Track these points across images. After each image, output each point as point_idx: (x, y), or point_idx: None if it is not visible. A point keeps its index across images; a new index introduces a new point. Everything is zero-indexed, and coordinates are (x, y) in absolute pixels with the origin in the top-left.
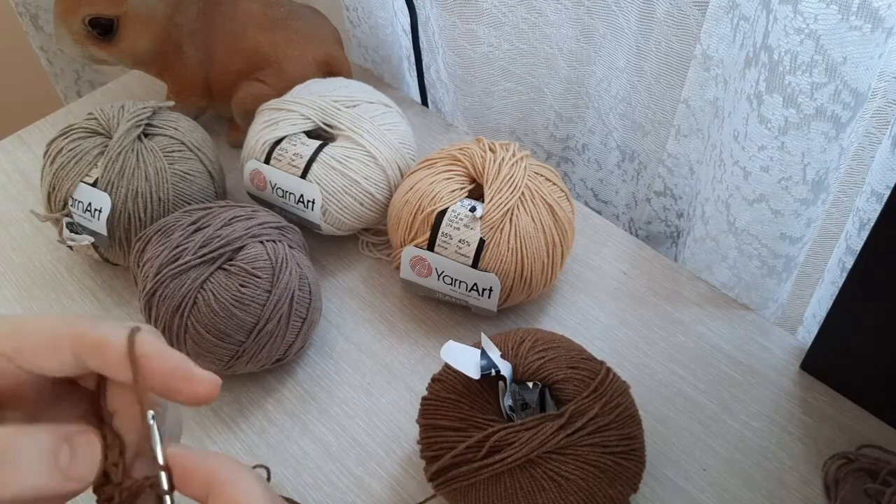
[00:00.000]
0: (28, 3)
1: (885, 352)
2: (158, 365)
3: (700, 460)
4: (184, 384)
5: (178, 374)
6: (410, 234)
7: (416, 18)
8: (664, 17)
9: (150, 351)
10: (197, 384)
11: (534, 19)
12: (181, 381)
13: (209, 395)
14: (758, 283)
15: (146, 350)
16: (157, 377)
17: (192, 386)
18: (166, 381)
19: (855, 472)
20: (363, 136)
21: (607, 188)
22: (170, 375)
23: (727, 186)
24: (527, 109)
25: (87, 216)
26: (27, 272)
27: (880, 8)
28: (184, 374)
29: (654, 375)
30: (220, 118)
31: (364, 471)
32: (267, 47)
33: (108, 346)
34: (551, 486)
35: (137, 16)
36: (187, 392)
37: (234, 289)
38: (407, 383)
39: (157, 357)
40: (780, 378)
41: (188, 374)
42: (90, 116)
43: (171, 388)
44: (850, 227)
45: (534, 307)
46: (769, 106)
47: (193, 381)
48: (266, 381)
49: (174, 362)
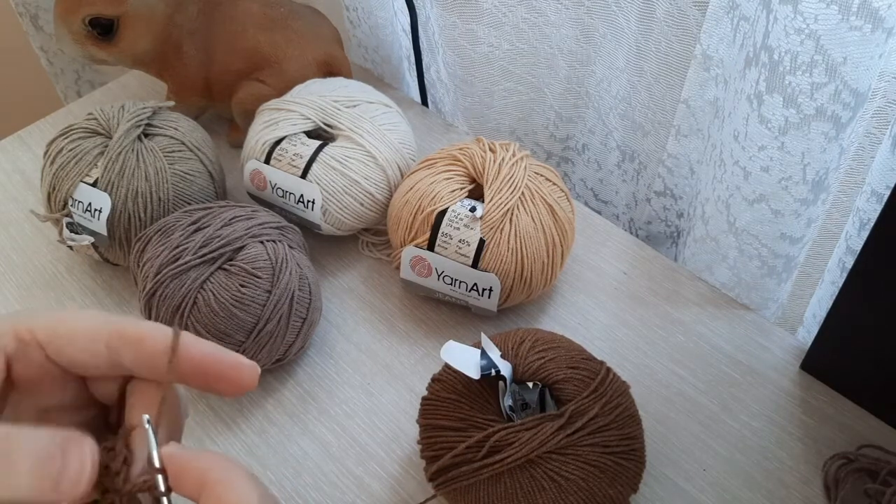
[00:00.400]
0: (28, 3)
1: (885, 352)
2: (200, 354)
3: (700, 460)
4: (226, 371)
5: (222, 361)
6: (410, 234)
7: (416, 18)
8: (664, 17)
9: (192, 341)
10: (242, 372)
11: (534, 19)
12: (224, 368)
13: (252, 382)
14: (758, 283)
15: (188, 340)
16: (200, 367)
17: (238, 374)
18: (208, 369)
19: (855, 472)
20: (363, 136)
21: (607, 188)
22: (212, 362)
23: (727, 186)
24: (527, 109)
25: (87, 216)
26: (27, 272)
27: (880, 8)
28: (228, 362)
29: (654, 375)
30: (220, 118)
31: (364, 471)
32: (267, 47)
33: (148, 338)
34: (551, 486)
35: (137, 16)
36: (230, 379)
37: (234, 289)
38: (407, 383)
39: (199, 346)
40: (780, 378)
41: (233, 361)
42: (90, 116)
43: (213, 376)
44: (850, 227)
45: (534, 307)
46: (769, 106)
47: (238, 368)
48: (266, 381)
49: (217, 352)
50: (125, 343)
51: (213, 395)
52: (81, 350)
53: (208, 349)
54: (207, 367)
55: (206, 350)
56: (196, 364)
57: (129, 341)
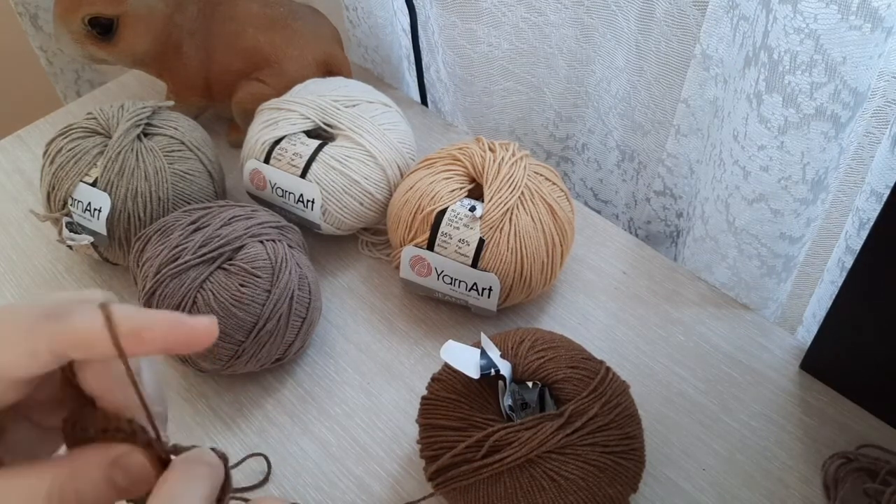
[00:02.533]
0: (28, 2)
1: (885, 351)
2: (149, 333)
3: (700, 460)
4: (186, 339)
5: (176, 334)
6: (410, 234)
7: (415, 18)
8: (664, 16)
9: (136, 323)
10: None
11: (533, 19)
12: (183, 337)
13: (210, 339)
14: (757, 283)
15: (131, 323)
16: (154, 345)
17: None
18: (164, 345)
19: (854, 472)
20: (363, 135)
21: (607, 188)
22: (167, 339)
23: (727, 186)
24: (526, 109)
25: (87, 216)
26: (27, 272)
27: (880, 7)
28: (180, 331)
29: (653, 375)
30: (220, 118)
31: (364, 471)
32: (267, 47)
33: (93, 339)
34: (551, 486)
35: (137, 15)
36: (192, 345)
37: (233, 288)
38: (407, 383)
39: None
40: (779, 378)
41: (184, 330)
42: (90, 116)
43: (169, 349)
44: (850, 227)
45: (533, 307)
46: (769, 105)
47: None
48: (266, 380)
49: (166, 324)
50: (69, 348)
51: (210, 394)
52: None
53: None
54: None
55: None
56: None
57: (73, 345)
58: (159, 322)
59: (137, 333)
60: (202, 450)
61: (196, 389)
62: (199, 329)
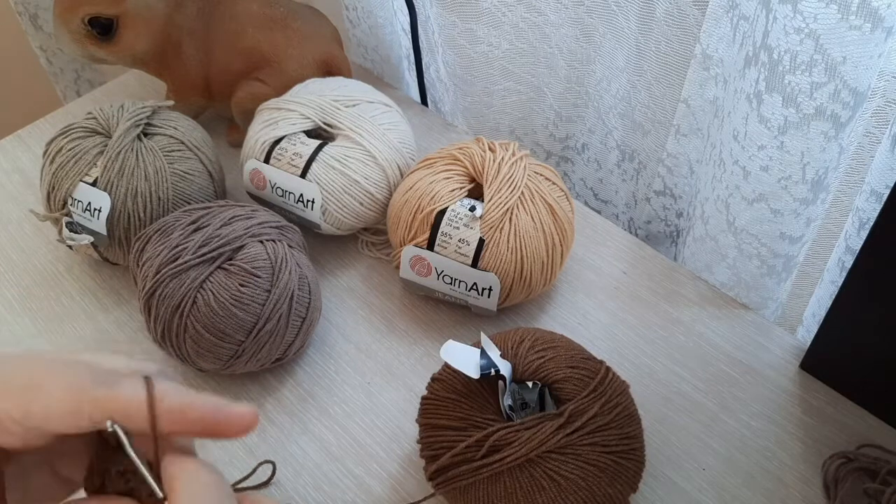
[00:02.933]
0: (27, 2)
1: (885, 351)
2: (191, 414)
3: (699, 460)
4: (221, 426)
5: (214, 418)
6: (410, 234)
7: (415, 18)
8: (664, 16)
9: (177, 402)
10: (238, 422)
11: (533, 19)
12: (217, 424)
13: (249, 428)
14: (757, 283)
15: (172, 403)
16: (193, 426)
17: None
18: (202, 428)
19: (854, 472)
20: (363, 135)
21: (607, 188)
22: (205, 422)
23: (727, 186)
24: (526, 109)
25: (87, 216)
26: (27, 272)
27: (880, 7)
28: (219, 416)
29: (653, 375)
30: (220, 118)
31: (364, 471)
32: (266, 47)
33: (133, 411)
34: (551, 486)
35: (137, 15)
36: (230, 432)
37: (233, 288)
38: (407, 383)
39: (188, 407)
40: (779, 377)
41: (224, 415)
42: (89, 116)
43: (208, 432)
44: (850, 227)
45: (533, 307)
46: (769, 105)
47: (233, 420)
48: (266, 380)
49: (207, 407)
50: (110, 415)
51: (208, 392)
52: (61, 426)
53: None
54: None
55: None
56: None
57: (114, 413)
58: (202, 403)
59: (180, 411)
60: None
61: (196, 389)
62: (241, 416)
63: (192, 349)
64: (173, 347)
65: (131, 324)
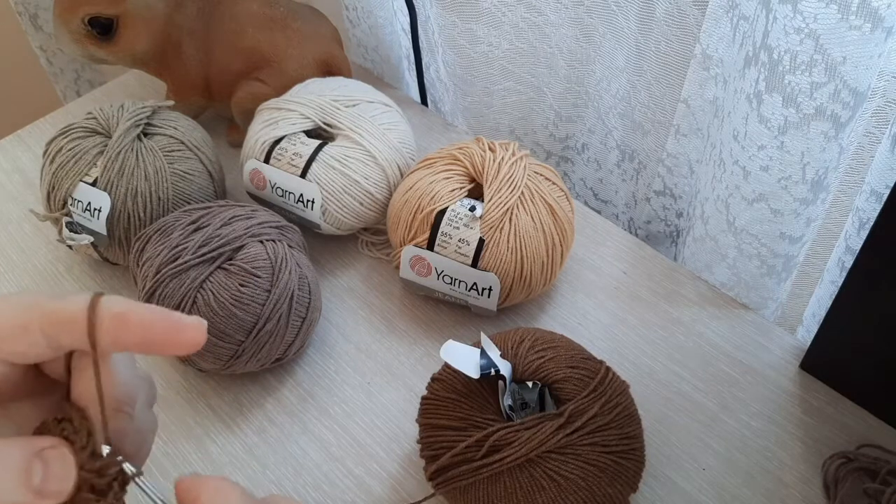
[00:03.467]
0: (27, 2)
1: (885, 351)
2: (137, 318)
3: (699, 460)
4: (166, 334)
5: (158, 325)
6: (410, 234)
7: (415, 18)
8: (664, 16)
9: (122, 308)
10: (184, 331)
11: (533, 19)
12: (163, 331)
13: (197, 339)
14: (757, 283)
15: (117, 308)
16: (138, 331)
17: (176, 335)
18: (148, 335)
19: (854, 472)
20: (363, 135)
21: (607, 188)
22: (148, 327)
23: (727, 186)
24: (526, 109)
25: (87, 215)
26: (27, 271)
27: (880, 7)
28: (164, 323)
29: (653, 375)
30: (220, 118)
31: (364, 471)
32: (266, 47)
33: (77, 315)
34: (551, 486)
35: (137, 15)
36: (172, 341)
37: (233, 288)
38: (407, 383)
39: (132, 312)
40: (779, 377)
41: (172, 321)
42: (89, 116)
43: (152, 340)
44: (850, 227)
45: (533, 307)
46: (769, 105)
47: (176, 328)
48: (266, 380)
49: (151, 314)
50: (57, 327)
51: (210, 394)
52: (17, 342)
53: (144, 316)
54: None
55: (141, 317)
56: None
57: (61, 324)
58: (146, 310)
59: (122, 317)
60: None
61: (196, 389)
62: (187, 326)
63: None
64: None
65: None
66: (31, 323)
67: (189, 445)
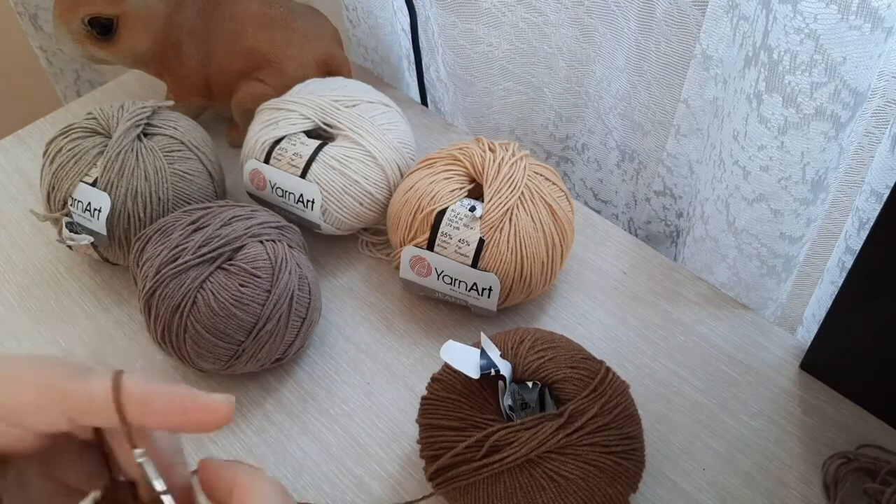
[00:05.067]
0: (27, 2)
1: (885, 351)
2: (160, 406)
3: (699, 460)
4: (189, 414)
5: (179, 407)
6: (410, 234)
7: (415, 18)
8: (664, 17)
9: (142, 392)
10: (209, 410)
11: (533, 19)
12: (184, 413)
13: (226, 417)
14: (757, 283)
15: (138, 393)
16: (163, 417)
17: (205, 413)
18: (169, 418)
19: (854, 472)
20: (363, 135)
21: (607, 188)
22: (170, 411)
23: (727, 186)
24: (526, 109)
25: (87, 216)
26: (27, 271)
27: (880, 7)
28: (191, 403)
29: (653, 375)
30: (220, 118)
31: (364, 471)
32: (266, 47)
33: (99, 404)
34: (551, 486)
35: (137, 15)
36: (200, 420)
37: (233, 288)
38: (407, 383)
39: (152, 396)
40: (779, 377)
41: (196, 402)
42: (89, 116)
43: (177, 423)
44: (850, 227)
45: (533, 307)
46: (769, 105)
47: (204, 408)
48: (266, 380)
49: (172, 396)
50: (79, 413)
51: None
52: (36, 422)
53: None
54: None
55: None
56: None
57: (82, 412)
58: (170, 393)
59: (146, 402)
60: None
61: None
62: (214, 407)
63: (192, 349)
64: (173, 348)
65: (131, 324)
66: (51, 406)
67: (189, 445)
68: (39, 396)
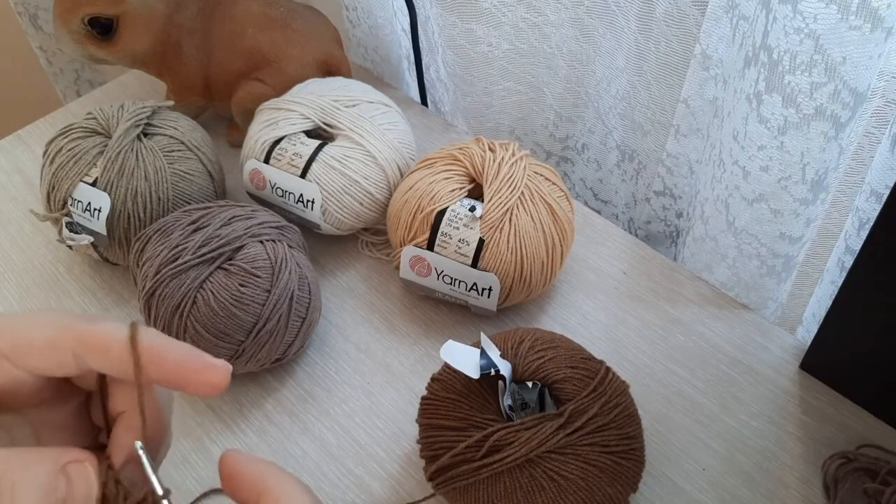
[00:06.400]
0: (27, 2)
1: (885, 351)
2: (168, 356)
3: (699, 460)
4: (195, 373)
5: (190, 364)
6: (410, 234)
7: (415, 18)
8: (664, 16)
9: (157, 343)
10: (210, 372)
11: (533, 19)
12: (193, 370)
13: (221, 382)
14: (757, 283)
15: (152, 343)
16: (168, 368)
17: (205, 375)
18: (177, 372)
19: (854, 472)
20: (363, 135)
21: (607, 188)
22: (181, 365)
23: (726, 186)
24: (526, 109)
25: (87, 216)
26: (27, 271)
27: (880, 7)
28: (195, 362)
29: (653, 375)
30: (220, 118)
31: (364, 471)
32: (266, 47)
33: (112, 344)
34: (551, 486)
35: (137, 15)
36: (199, 381)
37: (233, 288)
38: (407, 383)
39: (165, 348)
40: (779, 378)
41: (200, 362)
42: (89, 116)
43: (182, 378)
44: (850, 227)
45: (533, 307)
46: (768, 105)
47: (206, 369)
48: (266, 380)
49: (184, 351)
50: (89, 350)
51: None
52: (46, 360)
53: (177, 353)
54: (177, 371)
55: (176, 354)
56: (165, 369)
57: (93, 348)
58: (180, 347)
59: (158, 353)
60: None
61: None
62: (217, 370)
63: None
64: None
65: None
66: (63, 343)
67: (189, 445)
68: (54, 333)
